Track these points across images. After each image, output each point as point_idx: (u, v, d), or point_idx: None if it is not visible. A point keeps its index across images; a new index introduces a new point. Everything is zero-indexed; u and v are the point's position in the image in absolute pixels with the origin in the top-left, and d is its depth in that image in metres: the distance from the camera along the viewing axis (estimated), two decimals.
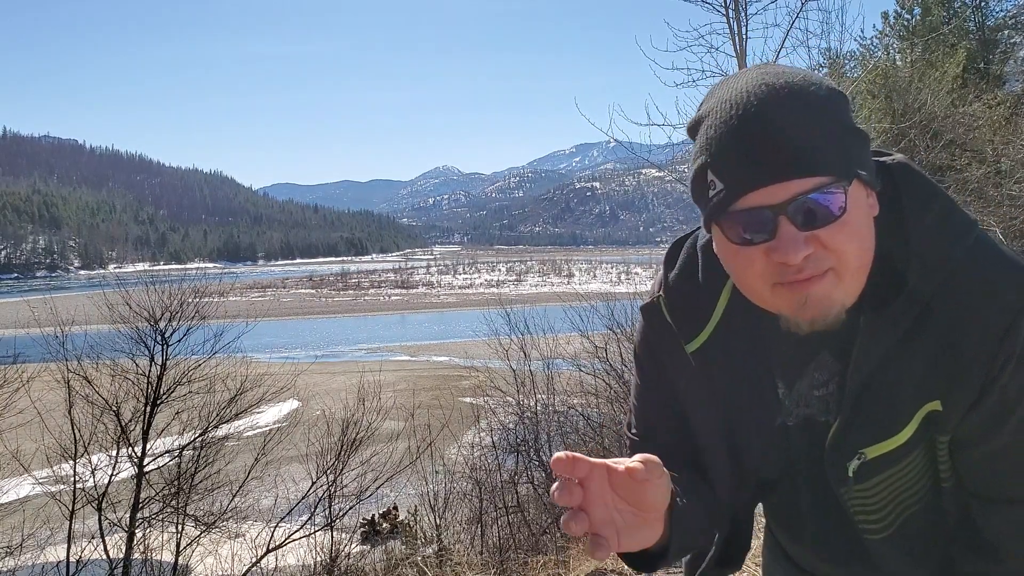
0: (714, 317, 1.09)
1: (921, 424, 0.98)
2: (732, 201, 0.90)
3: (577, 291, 17.81)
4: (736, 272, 0.98)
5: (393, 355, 51.78)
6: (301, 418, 17.86)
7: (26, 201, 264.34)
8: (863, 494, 1.05)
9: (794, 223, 0.89)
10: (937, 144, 11.39)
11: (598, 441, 11.63)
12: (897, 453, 1.01)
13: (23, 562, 9.99)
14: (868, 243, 0.94)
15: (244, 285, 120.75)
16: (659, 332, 1.15)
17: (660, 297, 1.14)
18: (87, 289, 35.50)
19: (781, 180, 0.87)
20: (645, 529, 0.90)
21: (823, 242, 0.89)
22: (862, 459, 1.01)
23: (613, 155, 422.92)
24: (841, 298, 0.93)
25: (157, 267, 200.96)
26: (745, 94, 0.90)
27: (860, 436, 1.01)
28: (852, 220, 0.90)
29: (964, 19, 17.22)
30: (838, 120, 0.92)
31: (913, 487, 1.05)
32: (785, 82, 0.91)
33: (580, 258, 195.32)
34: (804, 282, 0.91)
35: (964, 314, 0.93)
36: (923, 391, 0.97)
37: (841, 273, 0.91)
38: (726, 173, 0.90)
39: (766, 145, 0.88)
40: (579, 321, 13.63)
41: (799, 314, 0.94)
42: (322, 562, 10.94)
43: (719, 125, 0.91)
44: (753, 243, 0.91)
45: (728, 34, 7.78)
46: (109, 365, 11.03)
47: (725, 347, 1.09)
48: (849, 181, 0.90)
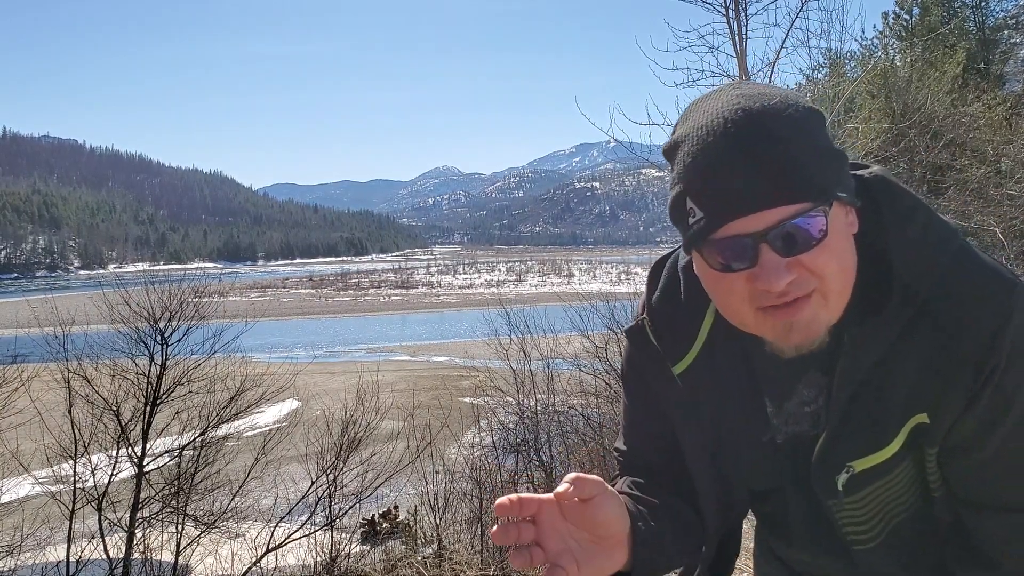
0: (699, 339, 1.09)
1: (909, 436, 0.98)
2: (712, 230, 0.89)
3: (577, 291, 17.82)
4: (718, 298, 0.97)
5: (393, 355, 51.76)
6: (301, 418, 17.84)
7: (26, 201, 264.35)
8: (852, 506, 1.05)
9: (775, 250, 0.87)
10: (937, 144, 11.40)
11: (598, 441, 11.63)
12: (885, 465, 1.00)
13: (23, 562, 9.99)
14: (850, 263, 0.94)
15: (244, 285, 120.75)
16: (645, 354, 1.14)
17: (644, 319, 1.14)
18: (87, 289, 35.55)
19: (761, 209, 0.86)
20: (604, 557, 0.91)
21: (805, 266, 0.89)
22: (850, 472, 1.01)
23: (613, 155, 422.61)
24: (827, 319, 0.93)
25: (157, 267, 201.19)
26: (721, 120, 0.88)
27: (848, 449, 1.01)
28: (833, 242, 0.89)
29: (964, 19, 17.23)
30: (816, 143, 0.89)
31: (902, 497, 1.05)
32: (762, 106, 0.88)
33: (580, 258, 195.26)
34: (789, 307, 0.90)
35: (952, 321, 0.92)
36: (911, 402, 0.96)
37: (826, 294, 0.91)
38: (705, 202, 0.88)
39: (745, 174, 0.86)
40: (579, 321, 13.65)
41: (784, 339, 0.94)
42: (322, 562, 10.94)
43: (696, 153, 0.89)
44: (734, 270, 0.90)
45: (728, 34, 7.80)
46: (109, 365, 11.04)
47: (711, 368, 1.09)
48: (829, 204, 0.88)
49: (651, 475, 1.14)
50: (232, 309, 15.28)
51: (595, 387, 12.95)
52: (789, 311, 0.90)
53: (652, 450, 1.18)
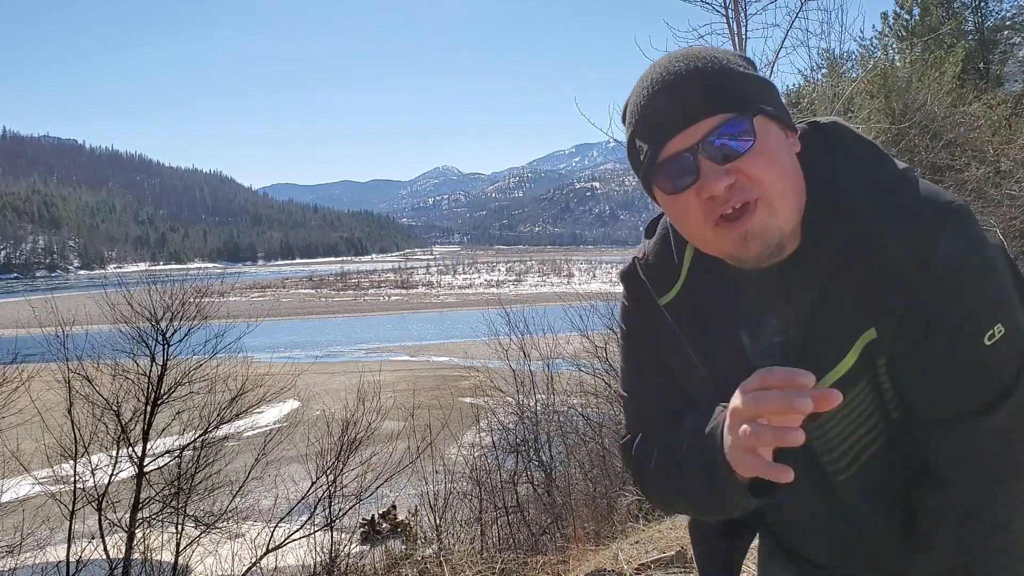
0: (682, 273, 1.18)
1: (863, 353, 1.02)
2: (656, 154, 1.02)
3: (577, 291, 17.81)
4: (679, 222, 1.07)
5: (393, 355, 51.73)
6: (301, 418, 17.86)
7: (26, 201, 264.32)
8: (818, 430, 1.08)
9: (711, 159, 0.99)
10: (937, 144, 11.39)
11: (598, 441, 11.64)
12: (843, 383, 1.03)
13: (23, 562, 9.99)
14: (789, 171, 1.02)
15: (244, 285, 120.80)
16: (637, 292, 1.24)
17: (636, 259, 1.25)
18: (87, 289, 35.47)
19: (690, 123, 0.99)
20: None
21: (743, 171, 0.98)
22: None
23: (613, 155, 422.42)
24: (778, 224, 1.01)
25: (157, 267, 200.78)
26: (655, 68, 1.05)
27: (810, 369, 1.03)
28: (766, 149, 1.00)
29: (962, 20, 17.25)
30: (735, 70, 1.02)
31: (867, 422, 1.08)
32: (686, 52, 1.04)
33: (580, 258, 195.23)
34: (740, 218, 0.99)
35: (890, 238, 0.99)
36: (860, 318, 1.02)
37: (770, 200, 0.99)
38: (646, 132, 1.03)
39: (672, 99, 1.00)
40: (579, 321, 13.65)
41: (743, 251, 1.01)
42: (322, 562, 10.94)
43: (636, 98, 1.05)
44: (682, 188, 1.01)
45: (728, 34, 7.80)
46: (110, 365, 11.03)
47: (693, 302, 1.17)
48: (752, 114, 0.99)
49: (649, 411, 1.23)
50: (233, 309, 15.28)
51: (595, 387, 12.95)
52: (741, 221, 0.99)
53: (650, 387, 1.25)
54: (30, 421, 10.55)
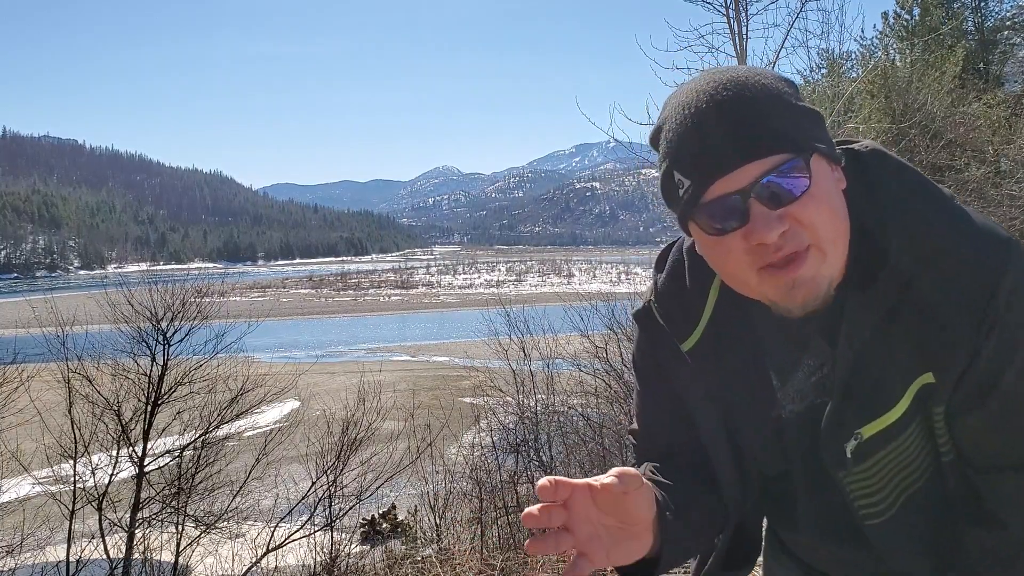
0: (704, 315, 1.12)
1: (916, 397, 0.99)
2: (700, 194, 0.93)
3: (577, 291, 17.83)
4: (719, 264, 0.99)
5: (393, 355, 51.71)
6: (301, 418, 17.84)
7: (26, 201, 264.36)
8: (862, 475, 1.05)
9: (764, 203, 0.91)
10: (937, 144, 11.38)
11: (598, 441, 11.65)
12: (893, 429, 1.01)
13: (23, 562, 9.99)
14: (840, 213, 0.96)
15: (244, 285, 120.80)
16: (654, 335, 1.17)
17: (651, 302, 1.18)
18: (88, 289, 35.50)
19: (741, 164, 0.90)
20: (633, 541, 0.93)
21: (796, 217, 0.91)
22: (859, 439, 1.02)
23: (613, 155, 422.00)
24: (828, 274, 0.95)
25: (157, 267, 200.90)
26: (696, 94, 0.94)
27: (855, 416, 1.02)
28: (819, 192, 0.92)
29: (962, 20, 17.24)
30: (786, 101, 0.94)
31: (912, 464, 1.05)
32: (730, 77, 0.95)
33: (580, 258, 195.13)
34: (789, 266, 0.92)
35: (946, 282, 0.95)
36: (914, 363, 0.98)
37: (821, 246, 0.93)
38: (690, 168, 0.94)
39: (721, 134, 0.91)
40: (579, 321, 13.67)
41: (788, 298, 0.95)
42: (322, 562, 10.94)
43: (676, 127, 0.95)
44: (728, 231, 0.93)
45: (728, 34, 7.80)
46: (110, 364, 11.03)
47: (718, 344, 1.11)
48: (808, 155, 0.92)
49: (669, 459, 1.16)
50: (233, 309, 15.28)
51: (595, 387, 12.96)
52: (789, 269, 0.92)
53: (665, 433, 1.20)
54: (30, 421, 10.55)
